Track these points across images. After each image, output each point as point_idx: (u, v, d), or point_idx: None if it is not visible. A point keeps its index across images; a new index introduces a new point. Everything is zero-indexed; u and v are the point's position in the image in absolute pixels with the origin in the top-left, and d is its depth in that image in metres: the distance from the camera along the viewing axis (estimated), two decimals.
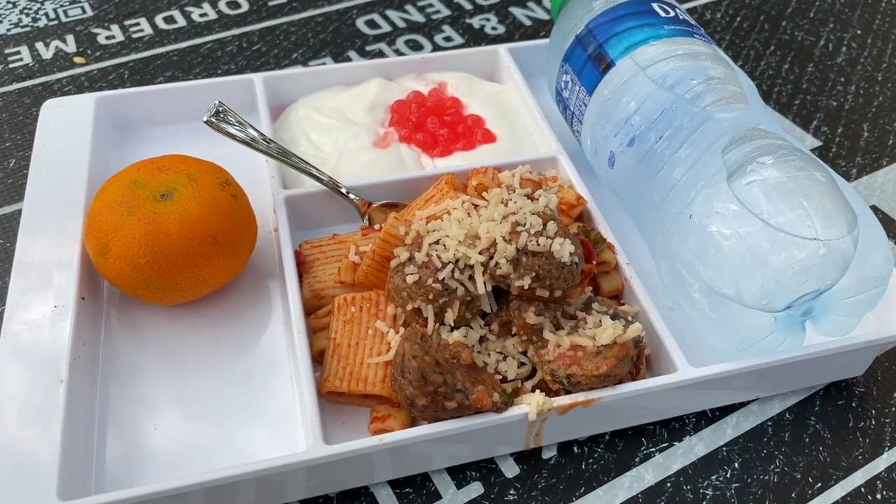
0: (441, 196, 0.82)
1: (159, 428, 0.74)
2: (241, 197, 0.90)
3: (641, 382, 0.72)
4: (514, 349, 0.74)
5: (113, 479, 0.68)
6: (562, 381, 0.70)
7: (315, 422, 0.68)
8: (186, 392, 0.77)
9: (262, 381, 0.78)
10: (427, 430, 0.67)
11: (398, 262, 0.73)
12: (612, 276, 0.82)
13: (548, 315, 0.73)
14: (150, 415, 0.75)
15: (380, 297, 0.76)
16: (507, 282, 0.70)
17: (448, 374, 0.67)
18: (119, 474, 0.69)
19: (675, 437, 0.77)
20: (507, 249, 0.70)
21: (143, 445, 0.72)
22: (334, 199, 0.89)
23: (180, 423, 0.74)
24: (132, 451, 0.71)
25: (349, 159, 0.95)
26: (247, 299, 0.85)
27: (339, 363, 0.73)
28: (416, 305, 0.71)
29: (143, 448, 0.72)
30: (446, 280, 0.70)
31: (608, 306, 0.82)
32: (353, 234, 0.85)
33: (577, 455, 0.75)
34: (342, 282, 0.80)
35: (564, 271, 0.72)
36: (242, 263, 0.83)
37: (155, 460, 0.70)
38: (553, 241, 0.72)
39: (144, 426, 0.74)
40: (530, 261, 0.70)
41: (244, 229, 0.81)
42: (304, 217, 0.90)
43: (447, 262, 0.70)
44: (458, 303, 0.71)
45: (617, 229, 0.86)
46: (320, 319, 0.79)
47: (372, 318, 0.75)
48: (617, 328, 0.71)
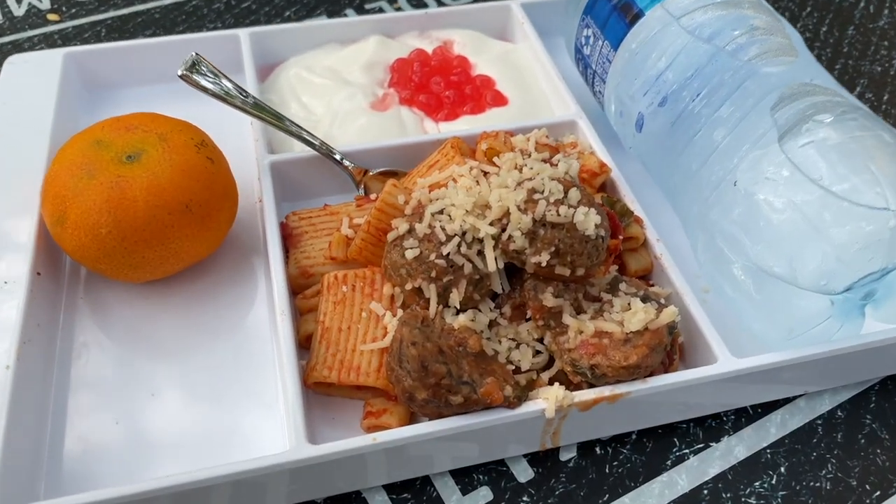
0: (446, 162, 0.73)
1: (122, 422, 0.68)
2: (220, 161, 0.80)
3: (676, 375, 0.65)
4: (529, 336, 0.67)
5: (68, 480, 0.62)
6: (584, 373, 0.64)
7: (298, 417, 0.62)
8: (155, 382, 0.70)
9: (242, 370, 0.72)
10: (428, 427, 0.61)
11: (396, 234, 0.67)
12: (639, 254, 0.73)
13: (568, 297, 0.66)
14: (113, 407, 0.68)
15: (375, 275, 0.70)
16: (522, 258, 0.64)
17: (453, 364, 0.61)
18: (75, 475, 0.63)
19: (712, 438, 0.70)
20: (523, 220, 0.61)
21: (104, 442, 0.66)
22: (326, 166, 0.83)
23: (146, 417, 0.68)
24: (91, 448, 0.65)
25: (343, 123, 0.89)
26: (226, 277, 0.78)
27: (328, 350, 0.67)
28: (417, 284, 0.65)
29: (103, 445, 0.65)
30: (451, 255, 0.64)
31: (637, 287, 0.72)
32: (347, 205, 0.79)
33: (600, 457, 0.68)
34: (333, 258, 0.74)
35: (588, 246, 0.62)
36: (220, 236, 0.76)
37: (116, 459, 0.64)
38: (576, 210, 0.62)
39: (105, 420, 0.67)
40: (549, 233, 0.61)
41: (222, 197, 0.73)
42: (291, 186, 0.83)
43: (452, 235, 0.64)
44: (464, 282, 0.65)
45: (644, 202, 0.79)
46: (308, 300, 0.72)
47: (366, 299, 0.69)
48: (648, 312, 0.64)
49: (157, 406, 0.69)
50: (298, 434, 0.61)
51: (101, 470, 0.63)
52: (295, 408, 0.62)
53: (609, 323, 0.64)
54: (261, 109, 0.80)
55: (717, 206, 0.67)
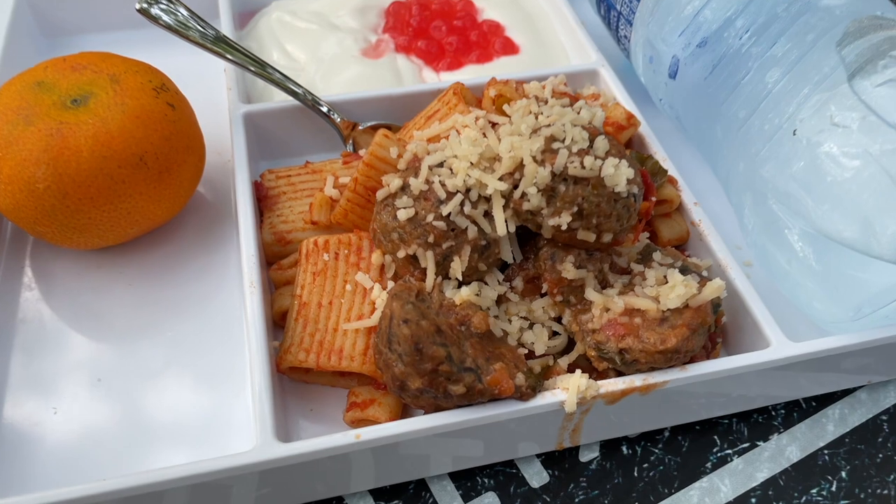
0: (448, 111, 0.66)
1: (62, 411, 0.60)
2: (183, 109, 0.69)
3: (721, 362, 0.57)
4: (545, 314, 0.59)
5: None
6: (612, 359, 0.57)
7: (266, 409, 0.55)
8: (103, 365, 0.63)
9: (208, 353, 0.64)
10: (423, 422, 0.53)
11: (387, 192, 0.59)
12: (673, 221, 0.63)
13: (592, 267, 0.59)
14: (51, 393, 0.61)
15: (362, 241, 0.63)
16: (538, 220, 0.56)
17: (453, 347, 0.53)
18: (3, 474, 0.56)
19: (759, 435, 0.63)
20: (539, 174, 0.55)
21: (38, 435, 0.58)
22: (310, 119, 0.75)
23: (91, 406, 0.60)
24: (24, 442, 0.58)
25: (330, 72, 0.82)
26: (190, 245, 0.70)
27: (306, 329, 0.59)
28: (411, 251, 0.57)
29: (38, 438, 0.58)
30: (453, 216, 0.56)
31: (674, 257, 0.60)
32: (332, 163, 0.72)
33: (627, 458, 0.61)
34: (314, 222, 0.66)
35: (618, 206, 0.55)
36: (183, 197, 0.69)
37: (52, 456, 0.57)
38: (604, 162, 0.51)
39: (42, 409, 0.60)
40: (571, 190, 0.55)
41: (184, 150, 0.68)
42: (269, 141, 0.76)
43: (454, 192, 0.56)
44: (468, 248, 0.56)
45: (678, 162, 0.71)
46: (284, 271, 0.67)
47: (351, 269, 0.62)
48: (689, 286, 0.57)
49: (103, 394, 0.61)
50: (266, 430, 0.53)
51: (34, 467, 0.57)
52: (262, 398, 0.53)
53: (642, 299, 0.54)
54: (225, 47, 0.68)
55: (770, 162, 0.57)
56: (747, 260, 0.70)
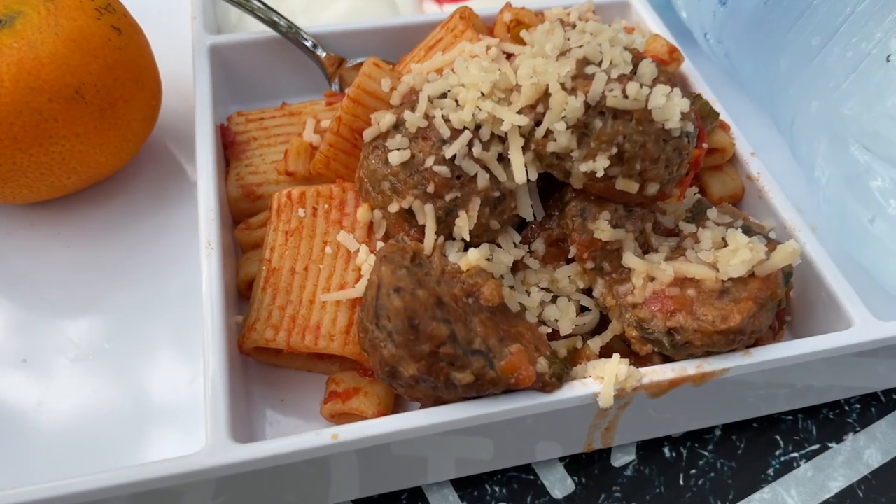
0: (453, 40, 0.59)
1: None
2: (133, 34, 0.57)
3: (796, 345, 0.47)
4: (572, 284, 0.50)
5: None
6: (658, 340, 0.47)
7: (220, 401, 0.45)
8: (30, 342, 0.54)
9: (160, 329, 0.55)
10: (419, 420, 0.44)
11: (377, 130, 0.50)
12: (725, 174, 0.55)
13: (631, 227, 0.49)
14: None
15: (346, 194, 0.54)
16: (566, 165, 0.47)
17: (458, 324, 0.43)
18: None
19: (831, 435, 0.53)
20: (570, 105, 0.45)
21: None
22: (289, 54, 0.66)
23: (13, 392, 0.51)
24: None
25: (315, 5, 0.73)
26: (143, 201, 0.61)
27: (276, 301, 0.51)
28: (406, 204, 0.48)
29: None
30: (458, 160, 0.47)
31: (733, 215, 0.49)
32: (313, 104, 0.64)
33: (671, 462, 0.52)
34: (290, 173, 0.58)
35: (668, 148, 0.47)
36: (133, 141, 0.59)
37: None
38: (652, 91, 0.39)
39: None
40: (610, 126, 0.45)
41: (133, 83, 0.58)
42: (240, 80, 0.67)
43: (461, 129, 0.47)
44: (477, 200, 0.47)
45: (726, 108, 0.61)
46: (252, 232, 0.58)
47: (332, 227, 0.52)
48: (756, 250, 0.47)
49: (27, 378, 0.52)
50: (218, 427, 0.45)
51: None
52: (216, 387, 0.46)
53: (696, 265, 0.47)
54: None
55: (854, 97, 0.47)
56: (811, 224, 0.58)
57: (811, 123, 0.53)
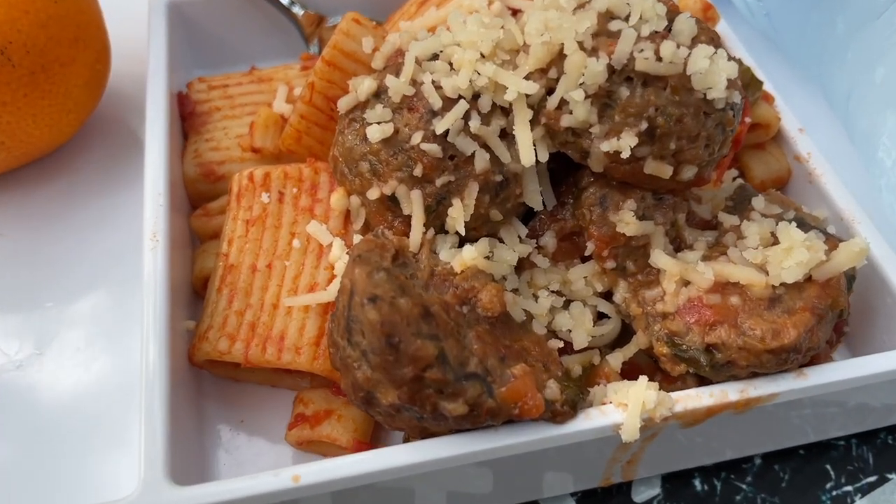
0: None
1: None
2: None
3: (860, 364, 0.40)
4: (589, 287, 0.42)
5: None
6: (694, 359, 0.39)
7: (157, 434, 0.38)
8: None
9: (100, 335, 0.48)
10: (401, 457, 0.37)
11: (354, 99, 0.42)
12: (769, 154, 0.52)
13: (661, 218, 0.41)
14: None
15: (318, 175, 0.46)
16: (583, 143, 0.39)
17: (449, 340, 0.35)
18: None
19: (890, 465, 0.46)
20: (589, 69, 0.37)
21: None
22: (262, 11, 0.59)
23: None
24: None
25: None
26: (88, 183, 0.54)
27: (232, 304, 0.43)
28: (389, 190, 0.40)
29: None
30: (452, 137, 0.39)
31: (783, 205, 0.41)
32: (286, 68, 0.56)
33: (702, 497, 0.45)
34: (256, 149, 0.50)
35: (709, 123, 0.39)
36: (75, 112, 0.52)
37: None
38: (692, 52, 0.31)
39: None
40: (639, 95, 0.37)
41: (71, 43, 0.50)
42: (205, 41, 0.61)
43: (455, 98, 0.39)
44: (474, 186, 0.40)
45: (772, 76, 0.53)
46: (211, 219, 0.50)
47: (301, 216, 0.45)
48: (815, 248, 0.39)
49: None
50: (154, 464, 0.37)
51: None
52: (152, 414, 0.38)
53: (741, 267, 0.39)
54: None
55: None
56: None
57: (874, 95, 0.45)
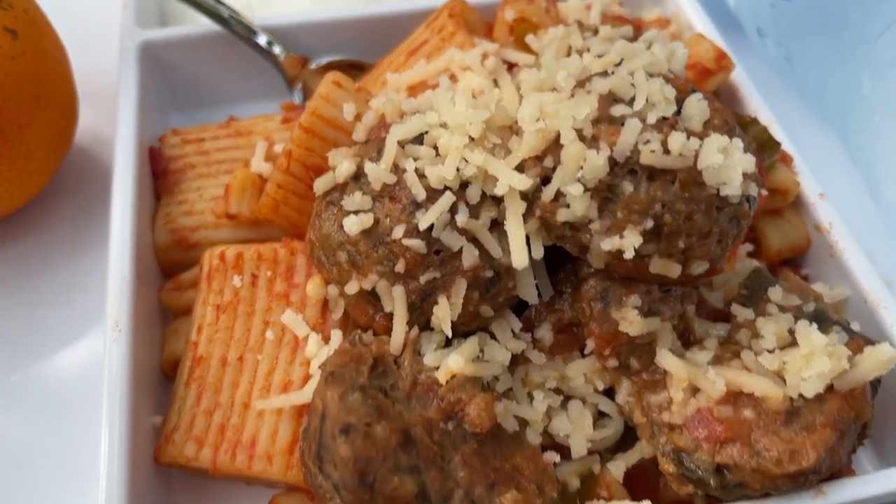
0: (440, 44, 0.48)
1: None
2: (35, 38, 0.46)
3: (886, 478, 0.36)
4: (589, 384, 0.38)
5: None
6: (702, 480, 0.35)
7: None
8: None
9: (55, 426, 0.44)
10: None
11: (331, 181, 0.38)
12: (786, 221, 0.48)
13: (669, 312, 0.37)
14: None
15: (294, 257, 0.42)
16: (582, 238, 0.35)
17: (431, 471, 0.32)
18: None
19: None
20: (589, 162, 0.33)
21: None
22: (241, 53, 0.55)
23: None
24: None
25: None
26: (52, 247, 0.51)
27: (201, 402, 0.40)
28: (368, 285, 0.36)
29: None
30: (437, 232, 0.35)
31: (801, 293, 0.38)
32: (267, 119, 0.51)
33: None
34: (231, 215, 0.46)
35: (722, 218, 0.35)
36: (39, 173, 0.48)
37: None
38: (703, 142, 0.27)
39: None
40: (644, 191, 0.34)
41: (33, 102, 0.45)
42: (182, 84, 0.56)
43: (441, 189, 0.36)
44: (462, 283, 0.36)
45: (784, 124, 0.49)
46: (183, 293, 0.46)
47: (276, 303, 0.41)
48: (837, 355, 0.35)
49: None
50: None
51: None
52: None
53: (756, 378, 0.35)
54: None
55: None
56: (886, 278, 0.47)
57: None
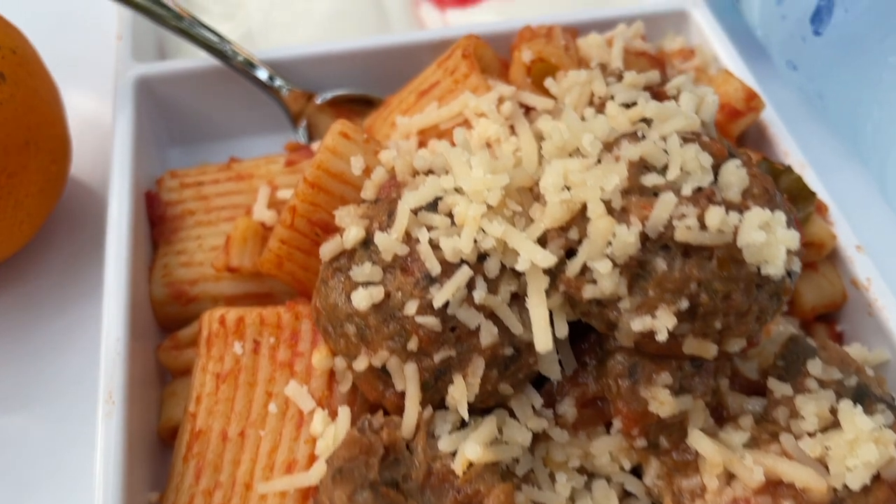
0: (453, 86, 0.45)
1: None
2: (24, 80, 0.45)
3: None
4: (614, 463, 0.36)
5: None
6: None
7: None
8: None
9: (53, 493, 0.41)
10: None
11: (339, 247, 0.35)
12: (821, 276, 0.45)
13: (701, 388, 0.34)
14: None
15: (298, 322, 0.39)
16: (609, 315, 0.32)
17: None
18: None
19: None
20: (620, 237, 0.31)
21: None
22: (243, 86, 0.52)
23: None
24: None
25: (280, 9, 0.59)
26: (42, 297, 0.48)
27: (201, 480, 0.37)
28: (378, 362, 0.34)
29: None
30: (452, 309, 0.33)
31: (842, 365, 0.35)
32: (269, 161, 0.49)
33: None
34: (233, 268, 0.43)
35: (762, 295, 0.32)
36: (29, 222, 0.46)
37: None
38: (744, 216, 0.27)
39: None
40: (678, 269, 0.31)
41: (22, 149, 0.43)
42: (179, 117, 0.54)
43: (457, 263, 0.33)
44: (480, 362, 0.33)
45: (821, 165, 0.46)
46: (182, 352, 0.43)
47: (279, 373, 0.38)
48: (884, 441, 0.32)
49: None
50: None
51: None
52: None
53: (797, 466, 0.32)
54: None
55: None
56: None
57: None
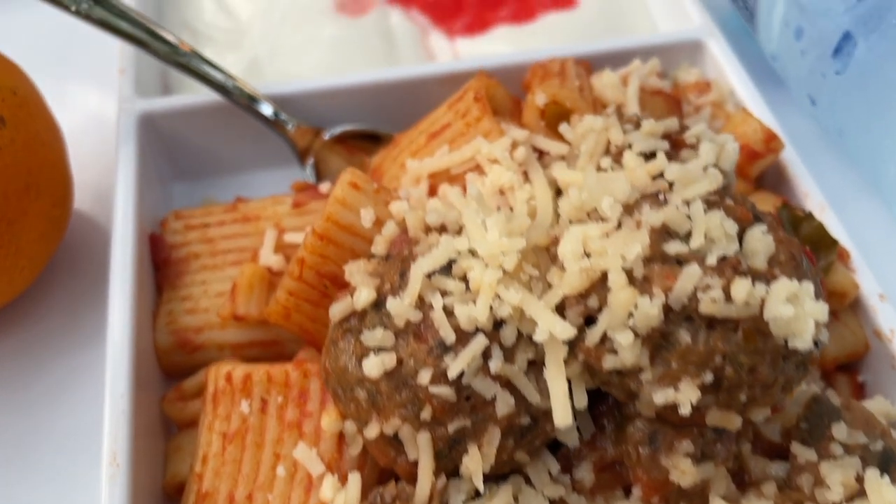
0: (464, 129, 0.44)
1: None
2: (25, 123, 0.44)
3: None
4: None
5: None
6: None
7: None
8: None
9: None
10: None
11: (348, 308, 0.34)
12: (844, 325, 0.44)
13: (723, 454, 0.33)
14: None
15: (307, 380, 0.38)
16: (630, 386, 0.32)
17: None
18: None
19: None
20: (642, 308, 0.30)
21: None
22: (249, 121, 0.51)
23: None
24: None
25: (286, 36, 0.59)
26: (42, 344, 0.47)
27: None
28: (390, 430, 0.33)
29: None
30: (467, 379, 0.32)
31: (868, 427, 0.34)
32: (277, 201, 0.48)
33: None
34: (239, 317, 0.42)
35: (788, 367, 0.31)
36: (29, 268, 0.45)
37: None
38: (770, 287, 0.24)
39: None
40: (703, 341, 0.30)
41: (22, 194, 0.42)
42: (182, 157, 0.53)
43: (473, 331, 0.32)
44: (495, 430, 0.32)
45: (842, 206, 0.45)
46: (186, 404, 0.42)
47: (288, 433, 0.37)
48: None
49: None
50: None
51: None
52: None
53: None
54: (108, 11, 0.42)
55: None
56: None
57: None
